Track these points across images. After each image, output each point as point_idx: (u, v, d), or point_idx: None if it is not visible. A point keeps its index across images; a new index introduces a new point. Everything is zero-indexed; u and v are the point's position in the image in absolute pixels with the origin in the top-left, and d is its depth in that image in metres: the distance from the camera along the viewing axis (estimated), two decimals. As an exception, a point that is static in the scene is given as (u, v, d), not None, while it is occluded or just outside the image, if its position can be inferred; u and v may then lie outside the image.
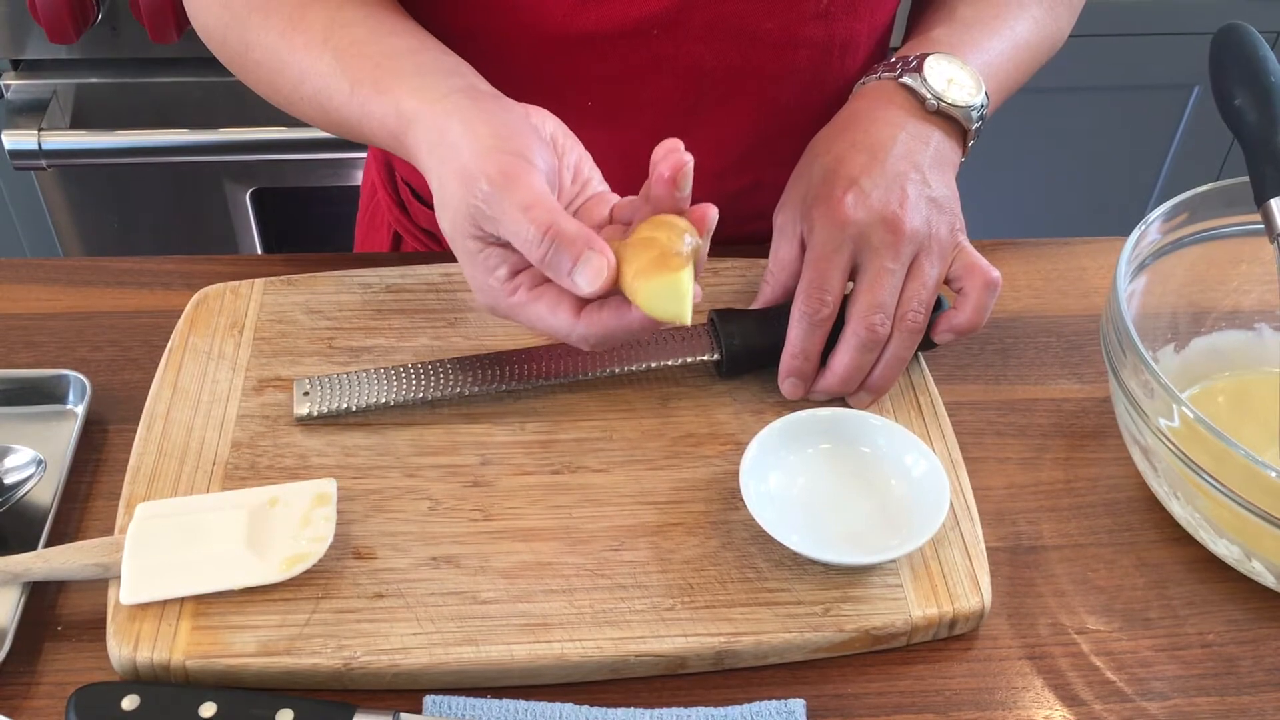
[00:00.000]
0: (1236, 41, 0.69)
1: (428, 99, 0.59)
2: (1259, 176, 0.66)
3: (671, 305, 0.54)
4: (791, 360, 0.66)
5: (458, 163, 0.56)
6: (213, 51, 0.71)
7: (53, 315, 0.74)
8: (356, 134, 0.64)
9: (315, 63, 0.64)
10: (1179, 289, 0.71)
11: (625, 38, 0.72)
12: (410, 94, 0.60)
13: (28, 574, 0.57)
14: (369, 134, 0.63)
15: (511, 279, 0.57)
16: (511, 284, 0.57)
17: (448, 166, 0.57)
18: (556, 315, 0.57)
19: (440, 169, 0.57)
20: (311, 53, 0.64)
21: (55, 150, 1.26)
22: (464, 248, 0.58)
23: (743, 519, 0.61)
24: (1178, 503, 0.62)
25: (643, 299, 0.54)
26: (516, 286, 0.57)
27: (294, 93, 0.66)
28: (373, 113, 0.61)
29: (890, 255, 0.64)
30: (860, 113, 0.70)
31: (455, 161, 0.56)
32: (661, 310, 0.54)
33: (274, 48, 0.66)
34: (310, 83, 0.64)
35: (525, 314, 0.58)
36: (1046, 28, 0.77)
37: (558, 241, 0.53)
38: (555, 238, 0.53)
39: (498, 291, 0.58)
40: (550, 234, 0.53)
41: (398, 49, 0.63)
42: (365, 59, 0.62)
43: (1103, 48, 1.38)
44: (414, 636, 0.55)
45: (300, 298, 0.72)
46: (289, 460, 0.63)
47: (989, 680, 0.57)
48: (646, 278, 0.54)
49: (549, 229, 0.53)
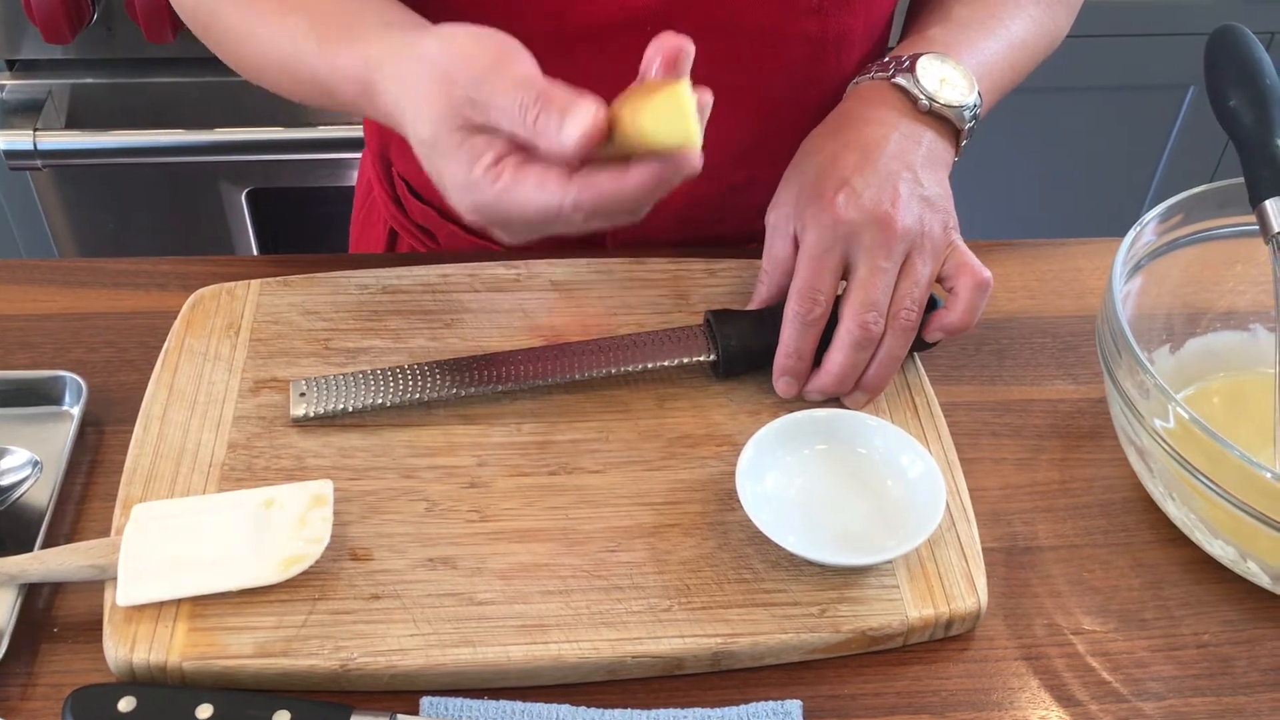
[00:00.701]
0: (1232, 43, 0.69)
1: (396, 43, 0.59)
2: (1254, 178, 0.66)
3: (678, 124, 0.51)
4: (785, 360, 0.66)
5: (438, 68, 0.55)
6: (184, 20, 0.71)
7: (48, 316, 0.74)
8: (324, 92, 0.63)
9: (284, 25, 0.64)
10: (1174, 290, 0.71)
11: (618, 32, 0.72)
12: (379, 41, 0.59)
13: (24, 575, 0.57)
14: (336, 89, 0.62)
15: (496, 164, 0.54)
16: (496, 169, 0.54)
17: (424, 76, 0.55)
18: (545, 188, 0.53)
19: (417, 82, 0.56)
20: (280, 17, 0.64)
21: (50, 150, 1.25)
22: (445, 146, 0.55)
23: (739, 520, 0.61)
24: (1173, 503, 0.62)
25: (647, 123, 0.51)
26: (500, 172, 0.54)
27: (262, 58, 0.66)
28: (341, 65, 0.61)
29: (883, 254, 0.64)
30: (852, 112, 0.70)
31: (435, 68, 0.55)
32: (668, 135, 0.51)
33: (242, 15, 0.66)
34: (279, 45, 0.64)
35: (512, 196, 0.54)
36: (1044, 27, 0.77)
37: (546, 102, 0.52)
38: (544, 100, 0.52)
39: (481, 182, 0.54)
40: (541, 98, 0.52)
41: (367, 7, 0.63)
42: (334, 18, 0.62)
43: (1097, 48, 1.39)
44: (411, 638, 0.55)
45: (296, 299, 0.72)
46: (285, 461, 0.63)
47: (985, 681, 0.58)
48: (645, 101, 0.51)
49: (540, 94, 0.52)
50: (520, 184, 0.53)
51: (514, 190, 0.54)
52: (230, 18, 0.67)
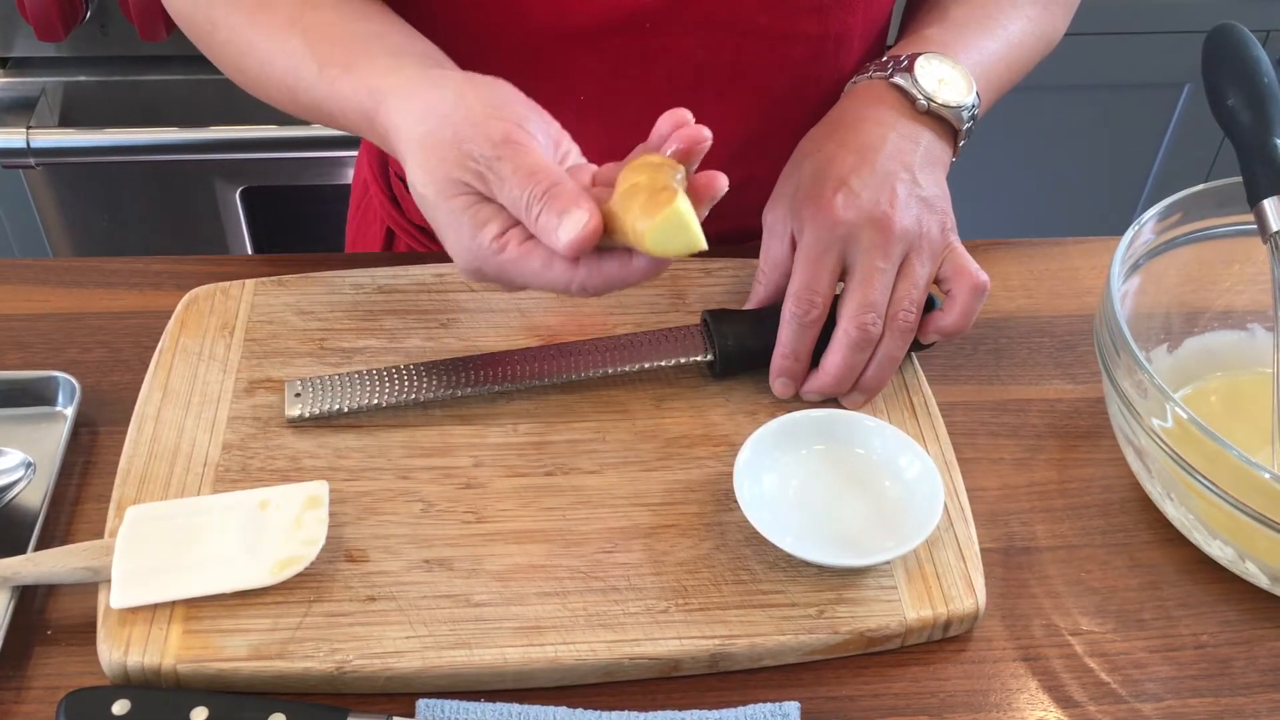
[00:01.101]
0: (1230, 42, 0.69)
1: (403, 77, 0.59)
2: (1252, 177, 0.66)
3: (680, 237, 0.52)
4: (782, 360, 0.66)
5: (449, 126, 0.55)
6: (180, 27, 0.71)
7: (42, 316, 0.73)
8: (324, 115, 0.63)
9: (283, 44, 0.63)
10: (1172, 289, 0.71)
11: (618, 31, 0.71)
12: (382, 72, 0.59)
13: (17, 578, 0.56)
14: (336, 114, 0.62)
15: (501, 236, 0.55)
16: (501, 240, 0.55)
17: (434, 129, 0.55)
18: (552, 269, 0.54)
19: (426, 133, 0.56)
20: (279, 34, 0.64)
21: (44, 149, 1.25)
22: (450, 208, 0.56)
23: (737, 521, 0.60)
24: (1171, 503, 0.62)
25: (651, 244, 0.52)
26: (506, 243, 0.55)
27: (260, 73, 0.65)
28: (342, 92, 0.60)
29: (881, 255, 0.64)
30: (850, 112, 0.70)
31: (446, 125, 0.55)
32: (674, 246, 0.53)
33: (241, 28, 0.65)
34: (278, 63, 0.64)
35: (518, 269, 0.55)
36: (1041, 26, 0.77)
37: (551, 199, 0.53)
38: (550, 198, 0.53)
39: (486, 250, 0.55)
40: (547, 195, 0.53)
41: (368, 32, 0.63)
42: (334, 41, 0.62)
43: (1094, 46, 1.39)
44: (407, 640, 0.55)
45: (291, 298, 0.72)
46: (280, 462, 0.63)
47: (983, 682, 0.57)
48: (648, 221, 0.52)
49: (547, 190, 0.53)
50: (527, 259, 0.55)
51: (520, 264, 0.55)
52: (228, 32, 0.66)
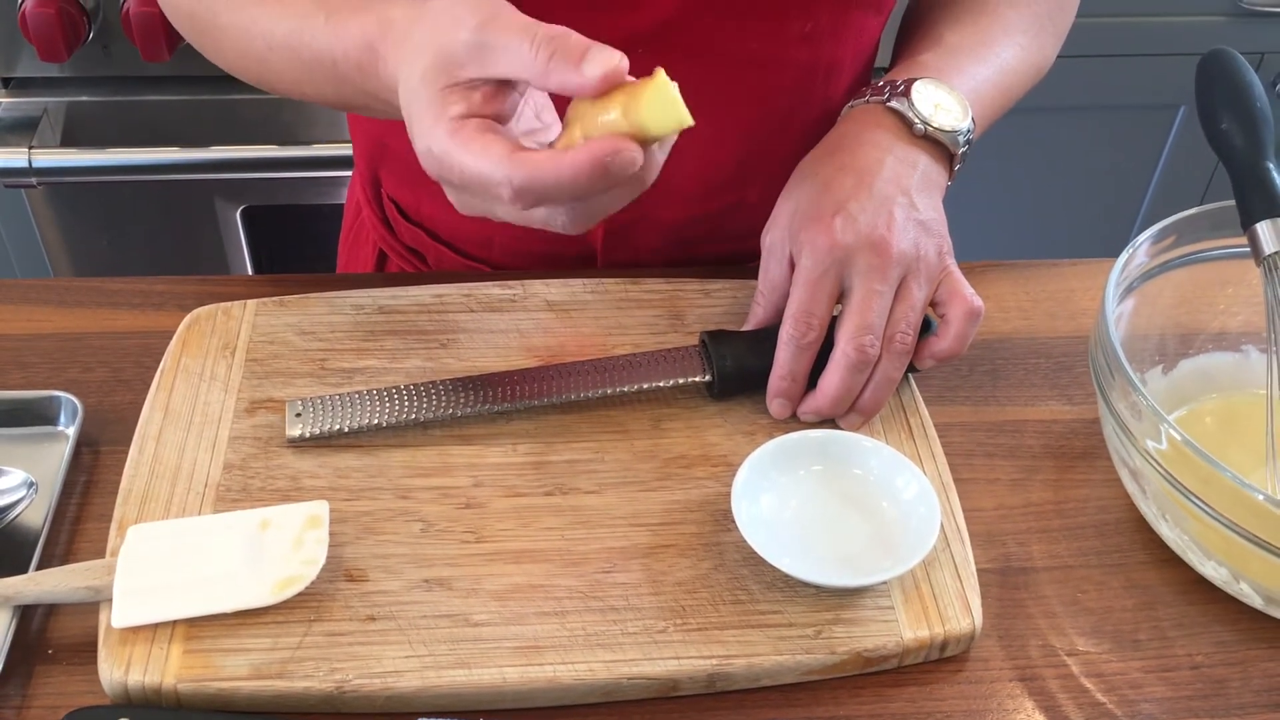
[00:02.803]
0: (1222, 67, 0.70)
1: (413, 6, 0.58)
2: (1245, 200, 0.67)
3: (670, 111, 0.52)
4: (779, 382, 0.67)
5: (444, 18, 0.54)
6: (177, 25, 0.71)
7: (43, 336, 0.74)
8: (326, 69, 0.62)
9: (288, 5, 0.63)
10: (1166, 311, 0.72)
11: None
12: (398, 5, 0.58)
13: (18, 597, 0.57)
14: (338, 59, 0.61)
15: (462, 117, 0.53)
16: (457, 122, 0.53)
17: (430, 28, 0.55)
18: (488, 154, 0.52)
19: (421, 31, 0.55)
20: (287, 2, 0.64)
21: (46, 168, 1.25)
22: (425, 94, 0.54)
23: (734, 541, 0.61)
24: (1166, 524, 0.63)
25: (646, 116, 0.52)
26: (459, 128, 0.53)
27: (265, 45, 0.65)
28: (350, 31, 0.60)
29: (878, 278, 0.65)
30: (848, 136, 0.71)
31: (440, 20, 0.54)
32: (668, 120, 0.52)
33: (244, 5, 0.66)
34: (283, 26, 0.63)
35: (460, 153, 0.53)
36: (1032, 54, 0.78)
37: (562, 43, 0.51)
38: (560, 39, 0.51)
39: (442, 131, 0.53)
40: (556, 38, 0.51)
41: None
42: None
43: (1088, 68, 1.40)
44: (406, 659, 0.55)
45: (292, 319, 0.72)
46: (281, 482, 0.63)
47: (980, 702, 0.58)
48: (638, 101, 0.52)
49: (550, 38, 0.51)
50: (470, 144, 0.52)
51: (463, 148, 0.52)
52: (230, 15, 0.67)
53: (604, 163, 0.51)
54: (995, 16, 0.77)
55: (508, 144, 0.52)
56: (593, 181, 0.51)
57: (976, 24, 0.76)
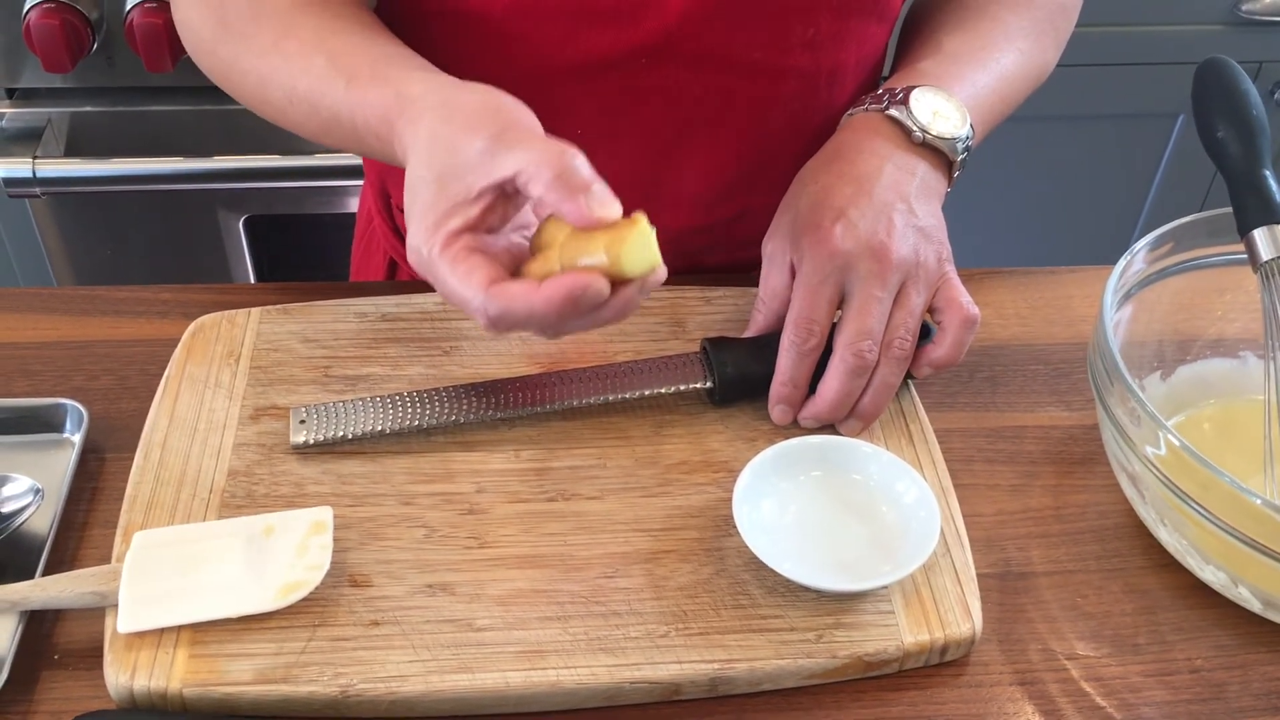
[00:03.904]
0: (1219, 75, 0.70)
1: (435, 84, 0.60)
2: (1242, 207, 0.67)
3: (645, 254, 0.54)
4: (780, 388, 0.67)
5: (463, 118, 0.56)
6: (198, 63, 0.71)
7: (49, 344, 0.74)
8: (345, 129, 0.64)
9: (309, 64, 0.64)
10: (1165, 318, 0.72)
11: (614, 67, 0.72)
12: (417, 82, 0.60)
13: (25, 602, 0.57)
14: (358, 125, 0.62)
15: (456, 233, 0.56)
16: (450, 237, 0.55)
17: (449, 123, 0.56)
18: (468, 281, 0.54)
19: (436, 126, 0.57)
20: (305, 56, 0.65)
21: (50, 178, 1.26)
22: (426, 197, 0.56)
23: (736, 546, 0.61)
24: (1165, 529, 0.63)
25: (626, 259, 0.54)
26: (450, 243, 0.55)
27: (285, 97, 0.66)
28: (369, 100, 0.61)
29: (878, 284, 0.65)
30: (847, 144, 0.71)
31: (460, 118, 0.56)
32: (642, 263, 0.54)
33: (265, 54, 0.66)
34: (303, 83, 0.64)
35: (445, 272, 0.55)
36: (1033, 60, 0.78)
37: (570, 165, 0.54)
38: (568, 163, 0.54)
39: (436, 242, 0.55)
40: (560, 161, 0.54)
41: (393, 53, 0.64)
42: (361, 58, 0.63)
43: (1087, 77, 1.40)
44: (410, 664, 0.56)
45: (296, 326, 0.73)
46: (285, 489, 0.64)
47: (980, 706, 0.58)
48: (621, 243, 0.54)
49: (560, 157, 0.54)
50: (456, 265, 0.55)
51: (450, 267, 0.55)
52: (251, 60, 0.67)
53: (575, 298, 0.53)
54: (995, 22, 0.77)
55: (489, 271, 0.54)
56: (562, 314, 0.54)
57: (976, 30, 0.77)
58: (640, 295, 0.56)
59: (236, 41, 0.68)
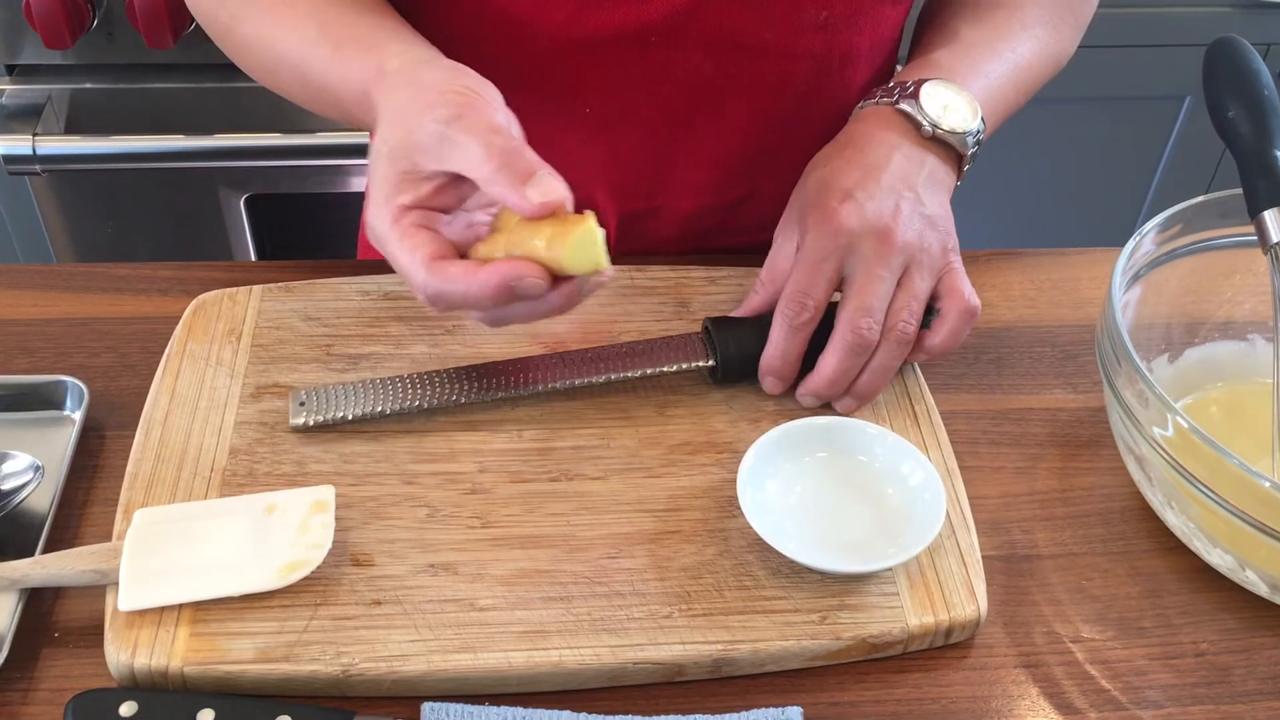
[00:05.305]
0: (1230, 54, 0.70)
1: (409, 60, 0.61)
2: (1252, 188, 0.66)
3: (590, 253, 0.56)
4: (770, 360, 0.67)
5: (423, 98, 0.58)
6: (201, 24, 0.73)
7: (49, 321, 0.74)
8: (330, 97, 0.66)
9: (303, 32, 0.66)
10: (1173, 300, 0.72)
11: (624, 45, 0.72)
12: (395, 55, 0.62)
13: (25, 580, 0.57)
14: (341, 94, 0.64)
15: (406, 208, 0.57)
16: (402, 210, 0.57)
17: (411, 101, 0.58)
18: (412, 257, 0.56)
19: (400, 103, 0.59)
20: (298, 26, 0.66)
21: (50, 155, 1.25)
22: (383, 171, 0.58)
23: (740, 527, 0.61)
24: (1172, 512, 0.63)
25: (565, 259, 0.56)
26: (402, 215, 0.57)
27: (277, 63, 0.68)
28: (352, 70, 0.63)
29: (880, 263, 0.65)
30: (857, 134, 0.70)
31: (420, 97, 0.58)
32: (585, 263, 0.56)
33: (261, 21, 0.68)
34: (295, 51, 0.66)
35: (395, 245, 0.57)
36: (1050, 47, 0.77)
37: (514, 158, 0.55)
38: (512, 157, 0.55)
39: (387, 214, 0.57)
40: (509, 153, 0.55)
41: (383, 24, 0.65)
42: (351, 29, 0.65)
43: (1095, 59, 1.39)
44: (412, 644, 0.56)
45: (298, 304, 0.72)
46: (287, 467, 0.63)
47: (985, 688, 0.58)
48: (563, 238, 0.55)
49: (505, 150, 0.55)
50: (403, 238, 0.57)
51: (398, 240, 0.57)
52: (249, 25, 0.69)
53: (510, 286, 0.55)
54: (1013, 10, 0.76)
55: (433, 248, 0.56)
56: (497, 300, 0.56)
57: (994, 18, 0.76)
58: (582, 293, 0.58)
59: (238, 5, 0.69)
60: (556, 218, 0.56)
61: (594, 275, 0.57)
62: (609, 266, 0.56)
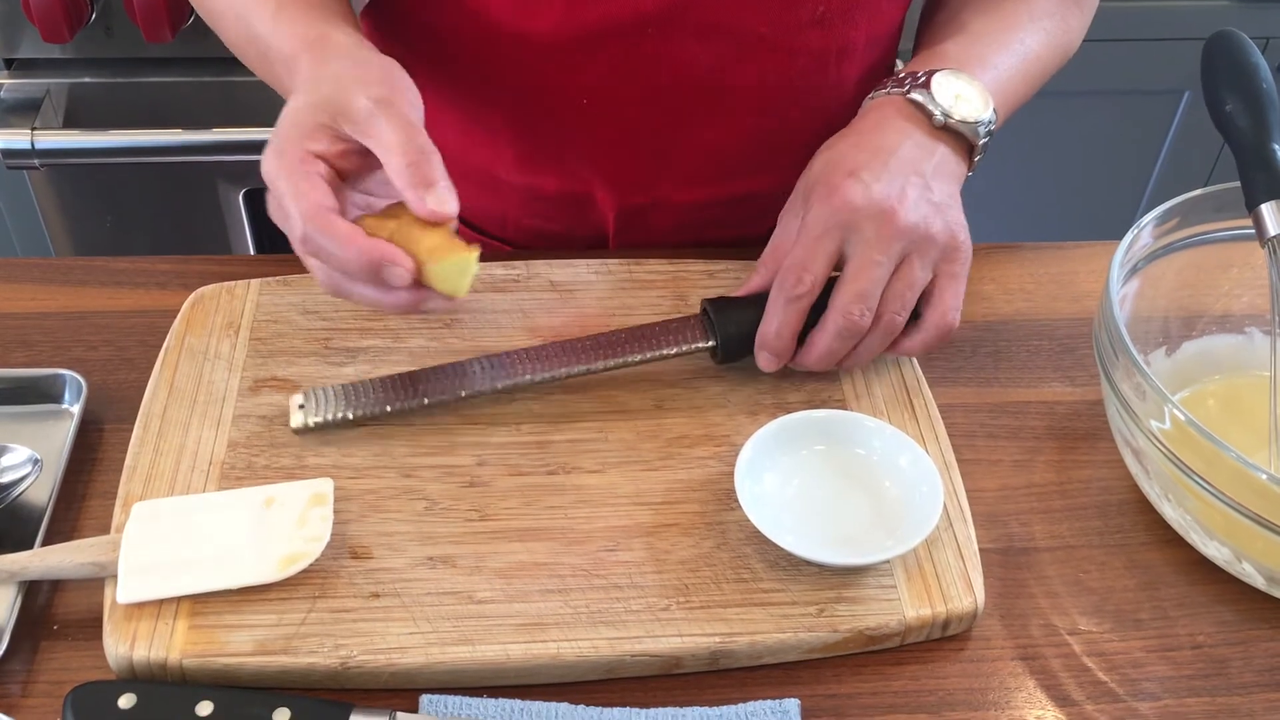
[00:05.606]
0: (1228, 48, 0.70)
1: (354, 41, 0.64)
2: (1250, 182, 0.67)
3: (458, 280, 0.60)
4: (764, 336, 0.67)
5: (363, 73, 0.61)
6: None
7: (48, 314, 0.74)
8: (260, 53, 0.68)
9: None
10: (1170, 293, 0.72)
11: (621, 36, 0.72)
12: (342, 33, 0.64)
13: (24, 573, 0.57)
14: (271, 51, 0.66)
15: (313, 158, 0.60)
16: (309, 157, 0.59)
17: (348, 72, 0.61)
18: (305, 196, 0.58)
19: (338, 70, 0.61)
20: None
21: (48, 150, 1.25)
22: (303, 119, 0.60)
23: (737, 520, 0.61)
24: (1169, 505, 0.63)
25: (435, 271, 0.59)
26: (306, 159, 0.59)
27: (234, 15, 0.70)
28: (291, 32, 0.65)
29: (879, 248, 0.64)
30: (867, 123, 0.70)
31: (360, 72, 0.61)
32: (450, 284, 0.60)
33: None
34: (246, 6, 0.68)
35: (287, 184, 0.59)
36: (1057, 39, 0.77)
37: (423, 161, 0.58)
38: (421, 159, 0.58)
39: (293, 151, 0.59)
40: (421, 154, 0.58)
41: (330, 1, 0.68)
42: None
43: (1093, 53, 1.38)
44: (410, 636, 0.56)
45: (296, 298, 0.72)
46: (285, 460, 0.63)
47: (982, 680, 0.58)
48: (444, 253, 0.59)
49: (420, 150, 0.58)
50: (301, 179, 0.59)
51: (291, 179, 0.59)
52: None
53: (378, 267, 0.58)
54: (1021, 1, 0.76)
55: (328, 200, 0.59)
56: (363, 272, 0.58)
57: (1002, 10, 0.76)
58: (432, 305, 0.60)
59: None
60: (447, 232, 0.59)
61: (444, 299, 0.60)
62: (460, 296, 0.60)
